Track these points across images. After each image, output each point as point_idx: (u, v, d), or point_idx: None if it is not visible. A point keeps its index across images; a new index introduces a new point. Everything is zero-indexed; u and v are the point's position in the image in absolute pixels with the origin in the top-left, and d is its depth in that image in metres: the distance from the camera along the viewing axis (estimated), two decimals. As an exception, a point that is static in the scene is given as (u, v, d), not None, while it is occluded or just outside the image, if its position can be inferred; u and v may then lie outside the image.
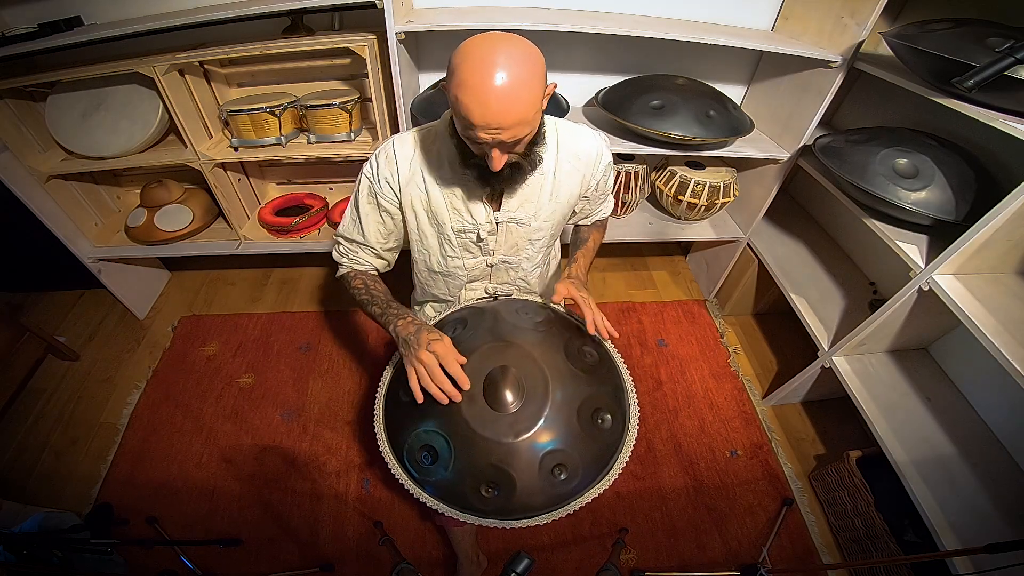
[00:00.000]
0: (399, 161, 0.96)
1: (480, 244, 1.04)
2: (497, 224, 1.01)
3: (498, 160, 0.81)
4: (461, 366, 0.84)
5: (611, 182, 1.13)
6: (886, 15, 1.42)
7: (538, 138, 0.88)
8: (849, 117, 1.80)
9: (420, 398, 0.84)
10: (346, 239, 1.07)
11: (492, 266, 1.10)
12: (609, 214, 1.23)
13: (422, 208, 1.00)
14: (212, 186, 1.69)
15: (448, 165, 0.95)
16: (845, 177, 1.30)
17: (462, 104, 0.73)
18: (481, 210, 0.98)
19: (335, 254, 1.10)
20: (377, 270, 1.12)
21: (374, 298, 1.02)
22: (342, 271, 1.11)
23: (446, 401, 0.83)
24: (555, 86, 0.84)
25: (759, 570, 1.23)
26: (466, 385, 0.83)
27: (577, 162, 1.00)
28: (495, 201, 1.00)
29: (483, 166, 0.85)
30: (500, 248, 1.06)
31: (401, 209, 1.01)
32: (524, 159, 0.88)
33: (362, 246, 1.06)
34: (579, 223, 1.22)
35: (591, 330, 0.92)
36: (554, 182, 0.99)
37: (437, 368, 0.83)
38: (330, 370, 1.89)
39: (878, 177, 1.26)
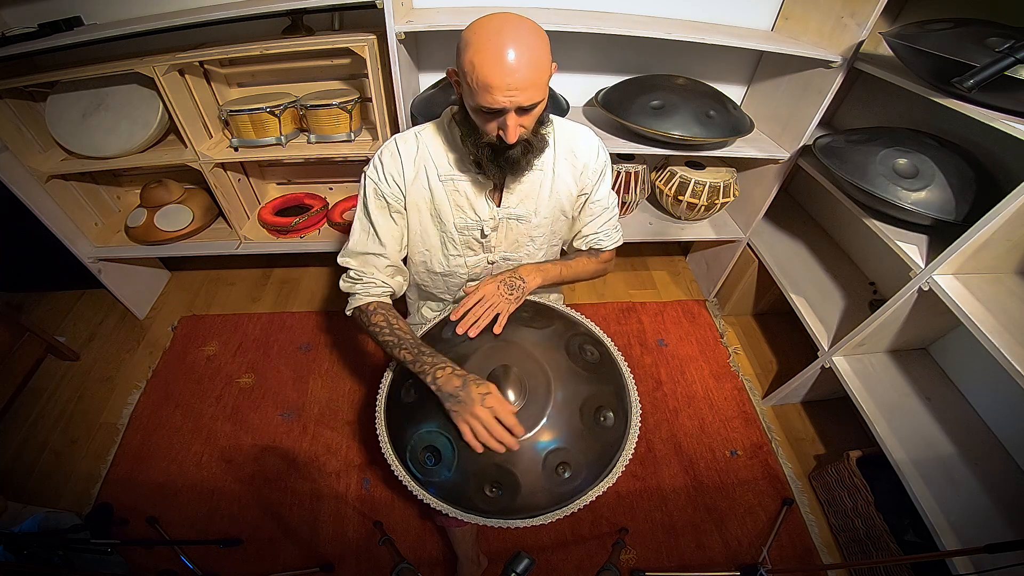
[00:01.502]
0: (403, 158, 0.96)
1: (483, 241, 1.04)
2: (499, 220, 1.02)
3: (513, 129, 0.81)
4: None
5: (606, 194, 1.08)
6: (886, 15, 1.42)
7: (544, 117, 0.90)
8: (849, 117, 1.81)
9: (480, 448, 0.82)
10: (358, 256, 1.01)
11: (493, 263, 1.10)
12: (611, 246, 1.15)
13: (425, 207, 1.00)
14: (212, 186, 1.69)
15: (451, 161, 0.96)
16: (845, 177, 1.30)
17: (480, 69, 0.75)
18: (484, 206, 0.99)
19: (344, 285, 1.03)
20: (393, 293, 1.06)
21: (401, 340, 0.94)
22: (357, 303, 1.01)
23: (503, 450, 0.81)
24: (556, 67, 0.87)
25: (759, 570, 1.23)
26: (521, 433, 0.82)
27: (574, 159, 1.01)
28: (496, 197, 1.00)
29: (494, 147, 0.86)
30: (501, 245, 1.07)
31: (406, 208, 1.00)
32: (534, 137, 0.89)
33: (379, 259, 1.01)
34: (575, 245, 1.16)
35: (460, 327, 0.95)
36: (553, 178, 1.01)
37: (494, 422, 0.81)
38: (330, 370, 1.88)
39: (878, 177, 1.26)
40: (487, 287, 0.98)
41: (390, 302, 1.05)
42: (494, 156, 0.88)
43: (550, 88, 1.63)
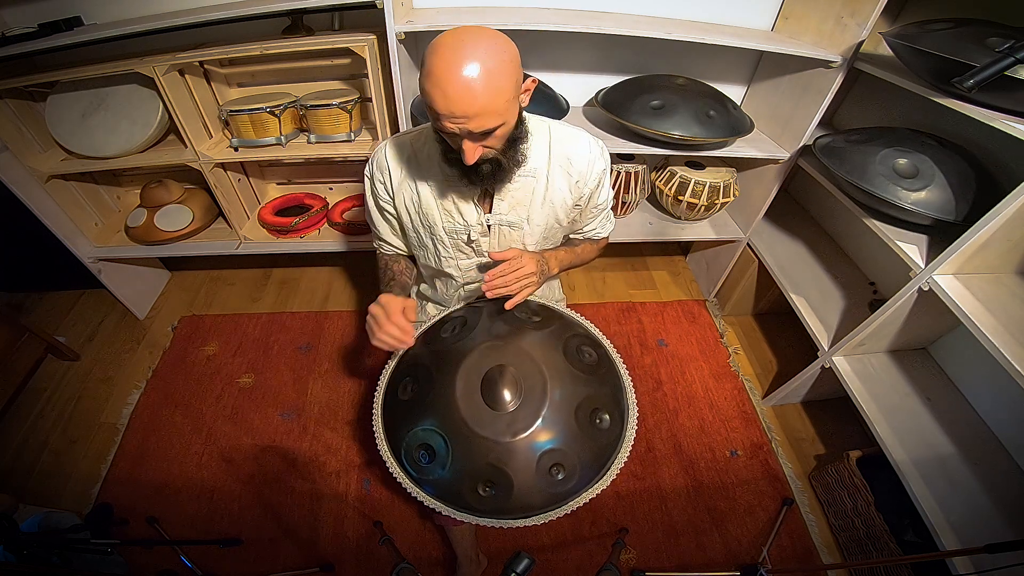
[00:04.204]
0: (390, 164, 0.98)
1: (472, 245, 1.04)
2: (489, 227, 1.01)
3: (470, 152, 0.79)
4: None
5: (607, 197, 1.08)
6: (886, 15, 1.42)
7: (519, 135, 0.86)
8: (849, 117, 1.80)
9: (383, 346, 0.90)
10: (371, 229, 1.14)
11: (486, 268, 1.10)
12: (606, 235, 1.19)
13: (414, 209, 1.01)
14: (212, 186, 1.69)
15: (438, 166, 0.95)
16: (845, 177, 1.30)
17: (427, 93, 0.73)
18: (472, 211, 0.98)
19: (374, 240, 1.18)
20: (404, 251, 1.17)
21: (385, 275, 1.12)
22: (376, 248, 1.19)
23: (399, 344, 0.89)
24: (535, 82, 0.83)
25: (759, 570, 1.23)
26: (409, 330, 0.89)
27: (569, 166, 0.98)
28: (486, 203, 0.99)
29: (462, 162, 0.83)
30: (494, 250, 1.06)
31: (396, 209, 1.02)
32: (504, 156, 0.86)
33: (381, 239, 1.14)
34: (571, 236, 1.18)
35: (485, 284, 0.92)
36: (547, 185, 0.98)
37: (383, 316, 0.88)
38: (330, 370, 1.89)
39: (878, 177, 1.26)
40: (528, 261, 0.94)
41: (402, 254, 1.18)
42: (464, 170, 0.86)
43: (550, 89, 1.64)
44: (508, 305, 0.93)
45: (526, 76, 0.83)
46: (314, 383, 1.84)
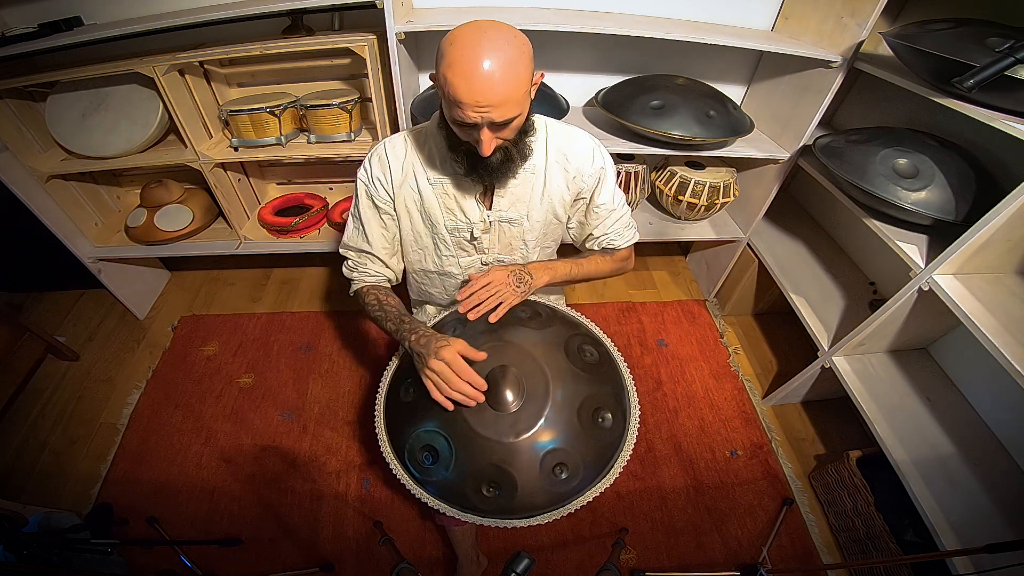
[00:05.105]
0: (391, 162, 0.97)
1: (474, 243, 1.04)
2: (490, 223, 1.01)
3: (488, 143, 0.80)
4: (477, 362, 0.85)
5: (611, 198, 1.05)
6: (886, 15, 1.42)
7: (527, 127, 0.88)
8: (849, 117, 1.81)
9: (450, 406, 0.83)
10: (352, 249, 1.07)
11: (487, 264, 1.10)
12: (625, 245, 1.13)
13: (416, 208, 1.01)
14: (212, 186, 1.69)
15: (440, 164, 0.96)
16: (845, 177, 1.30)
17: (451, 83, 0.74)
18: (474, 208, 0.99)
19: (345, 271, 1.09)
20: (389, 281, 1.11)
21: (388, 314, 1.01)
22: (354, 287, 1.10)
23: (471, 403, 0.82)
24: (542, 75, 0.85)
25: (759, 570, 1.23)
26: (482, 385, 0.82)
27: (566, 162, 0.99)
28: (487, 200, 1.00)
29: (472, 154, 0.85)
30: (494, 247, 1.07)
31: (395, 210, 1.02)
32: (514, 147, 0.87)
33: (368, 255, 1.06)
34: (588, 246, 1.14)
35: (461, 307, 0.92)
36: (545, 181, 1.00)
37: (450, 373, 0.82)
38: (330, 370, 1.89)
39: (878, 177, 1.26)
40: (497, 274, 0.95)
41: (387, 285, 1.11)
42: (472, 164, 0.88)
43: (550, 89, 1.64)
44: (492, 318, 0.93)
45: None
46: (314, 383, 1.84)
